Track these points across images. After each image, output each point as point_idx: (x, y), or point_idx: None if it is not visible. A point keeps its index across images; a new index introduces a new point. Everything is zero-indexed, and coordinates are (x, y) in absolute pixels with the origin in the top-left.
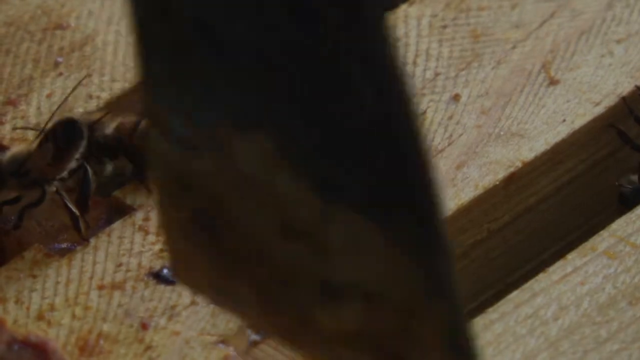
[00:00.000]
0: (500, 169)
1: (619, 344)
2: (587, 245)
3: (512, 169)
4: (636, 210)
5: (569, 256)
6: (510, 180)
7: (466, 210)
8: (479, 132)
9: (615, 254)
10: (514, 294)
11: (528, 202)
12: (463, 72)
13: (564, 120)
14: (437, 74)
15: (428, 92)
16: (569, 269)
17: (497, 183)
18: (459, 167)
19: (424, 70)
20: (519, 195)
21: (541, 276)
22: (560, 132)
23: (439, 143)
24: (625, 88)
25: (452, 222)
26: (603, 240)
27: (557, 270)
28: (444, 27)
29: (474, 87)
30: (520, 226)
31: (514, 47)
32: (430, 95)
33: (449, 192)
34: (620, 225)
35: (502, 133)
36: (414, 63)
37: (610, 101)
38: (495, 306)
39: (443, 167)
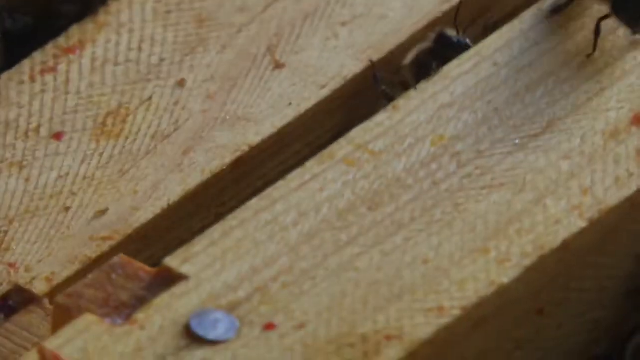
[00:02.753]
0: (227, 154)
1: (360, 248)
2: (325, 153)
3: (238, 153)
4: (374, 118)
5: (308, 164)
6: (237, 164)
7: (194, 196)
8: (205, 117)
9: (354, 161)
10: (253, 201)
11: (255, 185)
12: (188, 57)
13: (290, 104)
14: (162, 60)
15: (153, 78)
16: (308, 177)
17: (224, 167)
18: (185, 152)
19: (149, 55)
20: (246, 179)
21: (280, 183)
22: (286, 116)
23: (165, 129)
24: (351, 70)
25: (179, 208)
26: (341, 148)
27: (295, 178)
28: (169, 12)
29: (199, 72)
30: None
31: (239, 32)
32: (156, 81)
33: (176, 178)
34: (359, 133)
35: (228, 117)
36: (139, 49)
37: (335, 84)
38: (235, 213)
39: (169, 152)
